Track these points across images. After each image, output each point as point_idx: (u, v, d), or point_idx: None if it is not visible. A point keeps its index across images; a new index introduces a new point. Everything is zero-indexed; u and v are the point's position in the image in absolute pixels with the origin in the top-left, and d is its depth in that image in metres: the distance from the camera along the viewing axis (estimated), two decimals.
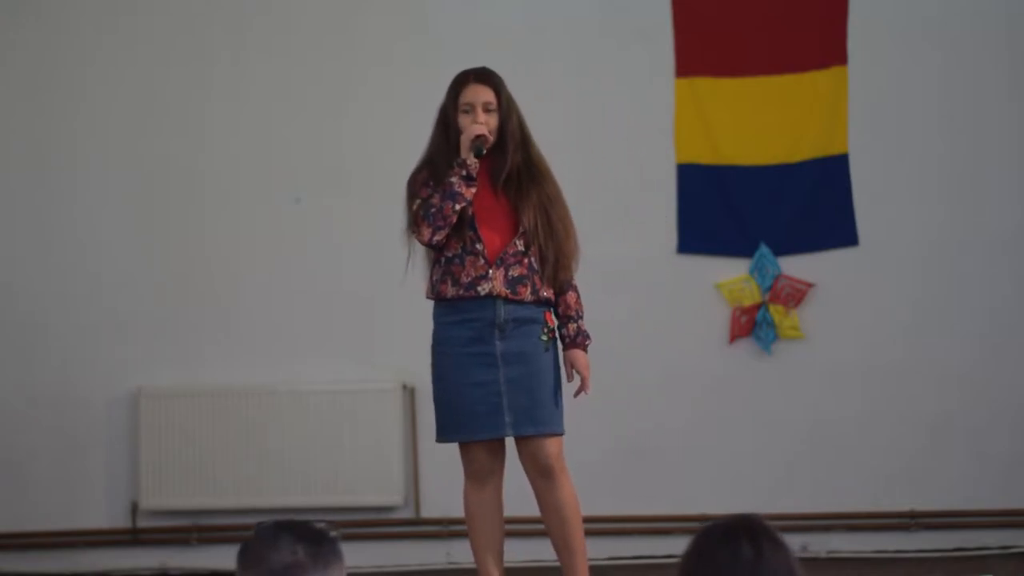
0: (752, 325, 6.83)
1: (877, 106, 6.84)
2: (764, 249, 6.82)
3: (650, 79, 6.87)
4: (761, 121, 6.86)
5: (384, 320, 6.90)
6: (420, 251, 5.08)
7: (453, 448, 4.92)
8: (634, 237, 6.84)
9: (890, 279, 6.83)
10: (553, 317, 5.01)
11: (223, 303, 6.97)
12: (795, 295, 6.82)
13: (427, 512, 6.90)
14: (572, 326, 5.02)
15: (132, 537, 6.96)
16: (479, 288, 4.90)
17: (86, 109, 7.03)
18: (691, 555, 2.44)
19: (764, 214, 6.85)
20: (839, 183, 6.82)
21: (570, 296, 5.02)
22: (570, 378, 5.04)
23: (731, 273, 6.87)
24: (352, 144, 6.96)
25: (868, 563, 6.65)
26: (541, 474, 4.94)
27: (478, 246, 4.91)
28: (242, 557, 2.55)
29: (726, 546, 2.41)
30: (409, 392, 6.88)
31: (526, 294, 4.92)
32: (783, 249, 6.83)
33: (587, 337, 5.03)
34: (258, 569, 2.50)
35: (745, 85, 6.87)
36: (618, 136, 6.87)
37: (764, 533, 2.43)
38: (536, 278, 4.94)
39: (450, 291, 4.93)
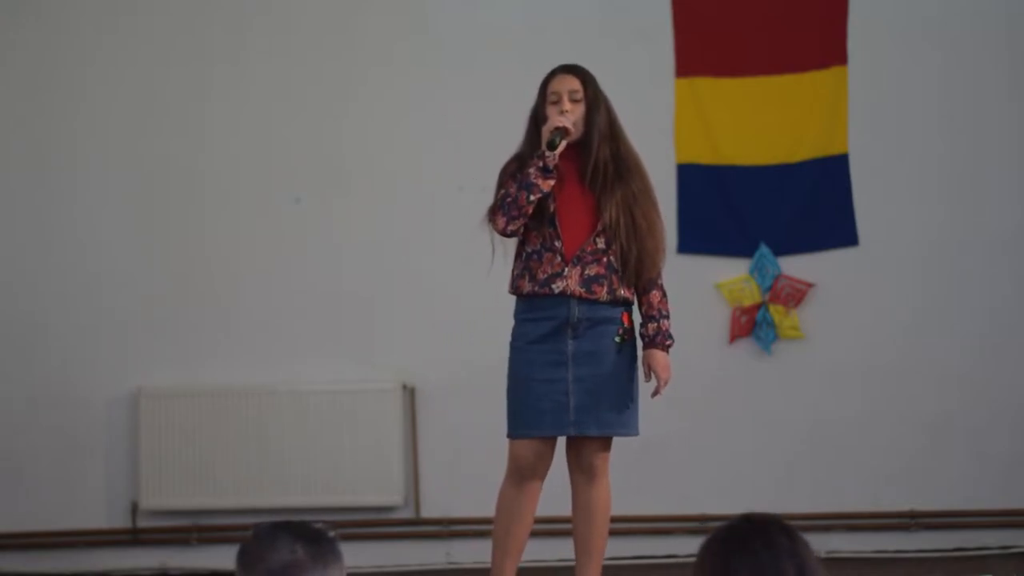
0: (752, 325, 6.83)
1: (877, 106, 6.84)
2: (764, 249, 6.83)
3: (650, 79, 6.87)
4: (761, 121, 6.87)
5: (384, 320, 6.91)
6: (508, 246, 4.96)
7: (453, 448, 4.92)
8: None
9: (890, 279, 6.84)
10: (631, 318, 4.93)
11: (223, 303, 6.98)
12: (795, 295, 6.82)
13: (427, 512, 6.90)
14: (652, 325, 4.94)
15: (132, 537, 6.96)
16: (553, 286, 4.83)
17: (86, 109, 7.03)
18: (719, 559, 2.39)
19: (764, 214, 6.85)
20: (839, 183, 6.82)
21: (654, 295, 4.94)
22: (647, 378, 4.97)
23: (731, 273, 6.87)
24: (352, 144, 6.96)
25: (868, 563, 6.65)
26: (583, 470, 4.92)
27: (556, 243, 4.84)
28: (241, 558, 2.55)
29: (762, 537, 2.38)
30: (409, 392, 6.88)
31: (602, 293, 4.84)
32: (783, 249, 6.83)
33: (668, 337, 4.95)
34: (258, 569, 2.50)
35: (745, 85, 6.87)
36: None
37: (788, 527, 2.42)
38: (614, 277, 4.86)
39: (527, 287, 4.87)
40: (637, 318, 4.99)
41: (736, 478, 6.77)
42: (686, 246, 6.87)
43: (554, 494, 5.08)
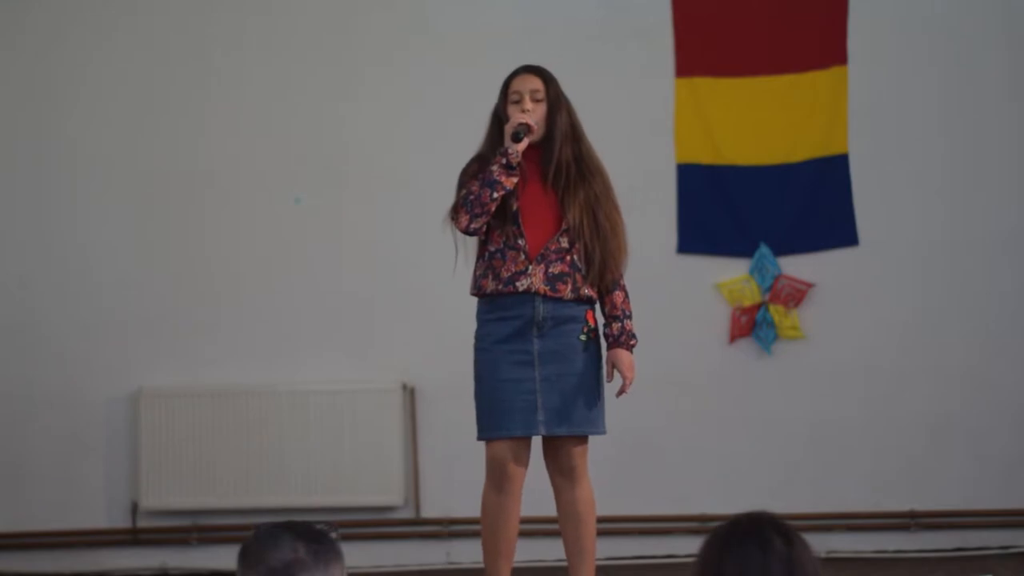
0: (752, 325, 6.83)
1: (877, 106, 6.85)
2: (764, 249, 6.83)
3: (650, 79, 6.87)
4: (761, 121, 6.87)
5: (384, 320, 6.91)
6: (472, 246, 4.99)
7: (453, 448, 4.92)
8: (634, 237, 6.80)
9: (890, 279, 6.84)
10: (594, 317, 4.95)
11: (223, 303, 6.98)
12: (795, 295, 6.82)
13: (427, 512, 6.90)
14: (616, 325, 4.96)
15: (132, 537, 6.96)
16: (518, 284, 4.85)
17: (86, 109, 7.04)
18: (715, 553, 2.39)
19: (764, 214, 6.85)
20: (839, 183, 6.83)
21: (617, 295, 4.96)
22: (610, 377, 4.98)
23: (731, 273, 6.87)
24: (352, 144, 6.97)
25: (868, 563, 6.65)
26: (563, 473, 4.92)
27: (520, 241, 4.86)
28: (243, 557, 2.55)
29: (756, 541, 2.38)
30: (409, 392, 6.89)
31: (566, 292, 4.86)
32: (783, 249, 6.83)
33: (632, 337, 4.97)
34: (259, 568, 2.50)
35: (745, 85, 6.87)
36: (618, 136, 6.86)
37: (788, 528, 2.41)
38: (578, 276, 4.88)
39: (490, 286, 4.88)
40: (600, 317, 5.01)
41: (736, 478, 6.77)
42: (686, 246, 6.87)
43: (552, 494, 5.07)
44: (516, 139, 4.87)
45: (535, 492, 5.06)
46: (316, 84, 7.00)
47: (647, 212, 6.84)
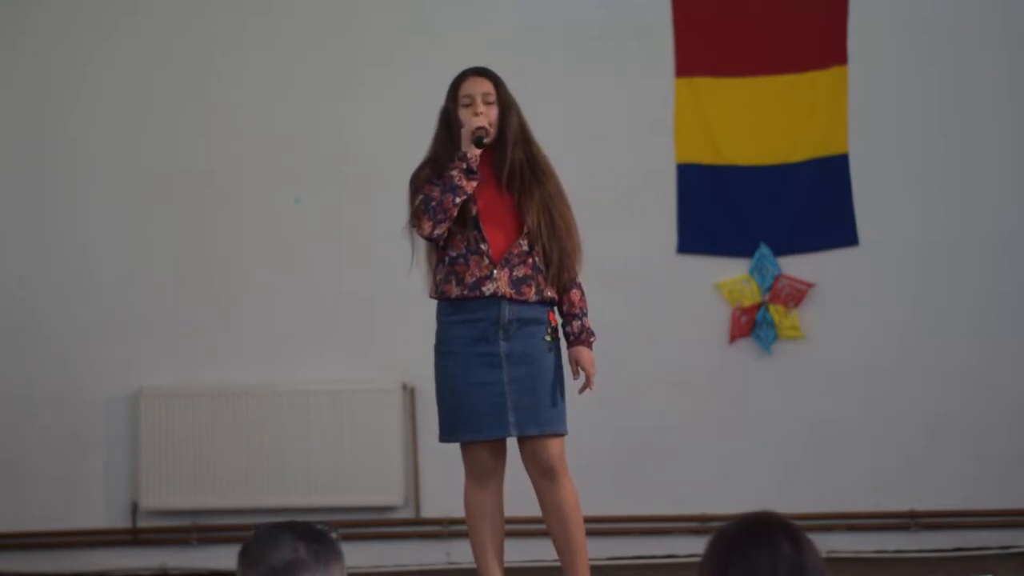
0: (752, 325, 6.83)
1: (877, 106, 6.85)
2: (764, 249, 6.83)
3: (650, 79, 6.87)
4: (761, 121, 6.87)
5: (384, 320, 6.91)
6: (422, 250, 5.05)
7: (453, 448, 4.91)
8: (634, 237, 6.85)
9: (890, 279, 6.84)
10: (556, 316, 5.00)
11: (223, 303, 6.98)
12: (795, 295, 6.82)
13: (427, 512, 6.90)
14: (576, 323, 5.00)
15: (132, 537, 6.96)
16: (484, 288, 4.88)
17: (86, 109, 7.04)
18: (721, 552, 2.37)
19: (764, 214, 6.85)
20: (839, 183, 6.83)
21: (574, 294, 5.01)
22: (575, 375, 5.01)
23: (731, 273, 6.87)
24: (352, 144, 6.97)
25: (868, 563, 6.65)
26: (543, 474, 4.93)
27: (483, 246, 4.89)
28: (243, 557, 2.55)
29: (765, 543, 2.37)
30: (409, 392, 6.89)
31: (530, 294, 4.90)
32: (783, 249, 6.83)
33: (592, 334, 5.01)
34: (260, 568, 2.50)
35: (745, 85, 6.87)
36: (618, 136, 6.88)
37: (796, 530, 2.40)
38: (540, 278, 4.92)
39: (455, 291, 4.91)
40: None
41: (736, 478, 6.77)
42: (686, 246, 6.87)
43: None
44: (478, 144, 4.90)
45: (529, 492, 5.06)
46: (316, 84, 7.00)
47: (647, 212, 6.85)
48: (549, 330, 4.95)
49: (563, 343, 5.04)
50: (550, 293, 4.95)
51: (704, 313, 6.85)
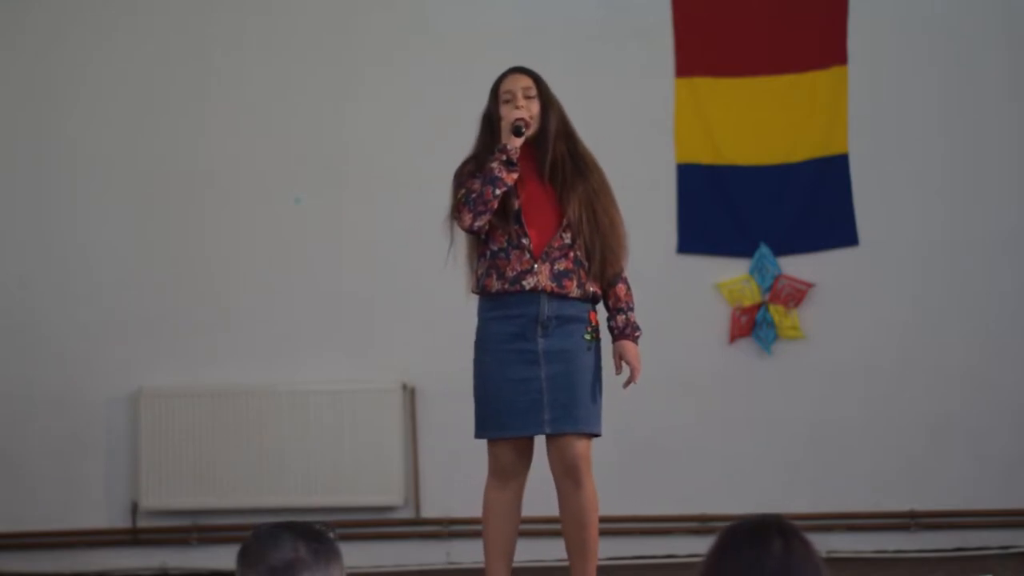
0: (752, 325, 6.83)
1: (877, 106, 6.85)
2: (764, 249, 6.83)
3: (650, 79, 6.87)
4: (761, 121, 6.87)
5: (384, 320, 6.91)
6: (463, 246, 5.00)
7: (453, 448, 4.92)
8: (634, 237, 6.79)
9: (890, 279, 6.84)
10: (597, 316, 4.96)
11: (223, 303, 6.98)
12: (795, 295, 6.82)
13: (427, 512, 6.90)
14: (621, 318, 4.97)
15: (132, 537, 6.96)
16: (524, 282, 4.84)
17: (86, 109, 7.04)
18: (717, 552, 2.39)
19: (764, 214, 6.85)
20: (839, 183, 6.83)
21: (619, 288, 4.98)
22: (618, 370, 4.98)
23: (731, 273, 6.87)
24: (352, 144, 6.97)
25: (868, 563, 6.65)
26: (567, 473, 4.90)
27: (524, 240, 4.86)
28: (242, 557, 2.54)
29: (755, 542, 2.37)
30: (409, 392, 6.89)
31: (572, 288, 4.87)
32: (783, 249, 6.83)
33: (637, 329, 4.99)
34: (260, 567, 2.50)
35: (745, 85, 6.87)
36: (618, 136, 6.87)
37: (793, 531, 2.40)
38: (582, 272, 4.88)
39: (495, 285, 4.87)
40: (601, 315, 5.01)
41: (736, 478, 6.77)
42: (686, 246, 6.87)
43: (553, 494, 5.07)
44: (517, 133, 4.88)
45: (535, 492, 5.05)
46: (316, 84, 7.00)
47: (647, 212, 6.84)
48: (589, 329, 4.91)
49: (603, 340, 4.99)
50: (592, 288, 4.91)
51: (704, 313, 6.85)
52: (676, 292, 6.84)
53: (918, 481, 6.78)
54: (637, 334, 5.00)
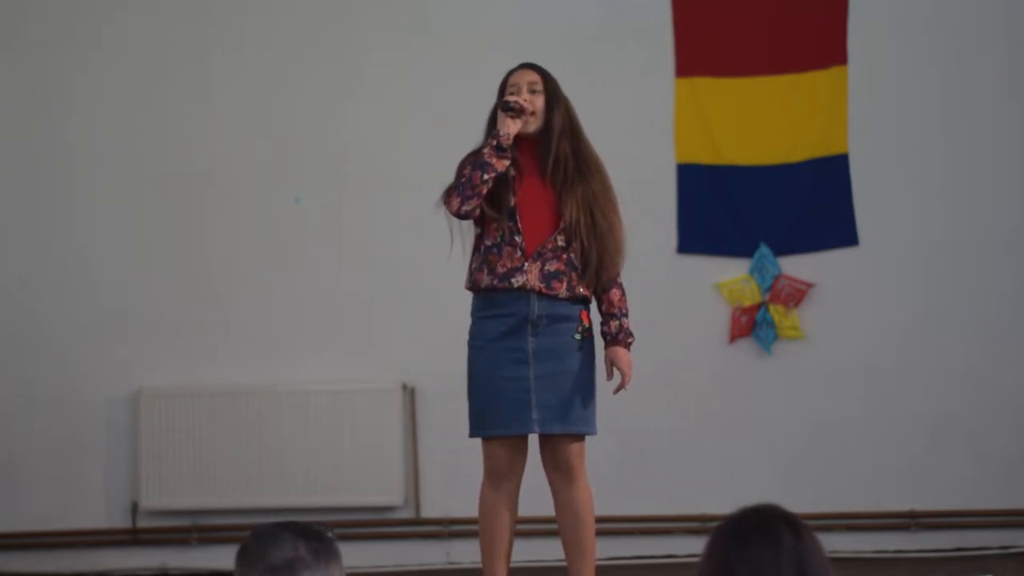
0: (752, 325, 6.83)
1: (877, 106, 6.85)
2: (764, 249, 6.83)
3: (650, 79, 6.87)
4: (761, 121, 6.87)
5: (384, 320, 6.91)
6: (469, 242, 4.97)
7: (453, 448, 4.93)
8: (634, 237, 6.80)
9: (890, 279, 6.84)
10: (588, 316, 4.94)
11: (223, 303, 6.98)
12: (795, 295, 6.82)
13: (427, 512, 6.90)
14: (614, 323, 4.96)
15: (132, 537, 6.96)
16: (513, 280, 4.83)
17: (86, 109, 7.04)
18: (723, 545, 2.35)
19: (764, 214, 6.85)
20: (839, 183, 6.83)
21: (614, 293, 4.96)
22: (609, 376, 4.98)
23: (731, 273, 6.87)
24: (352, 144, 6.97)
25: (868, 563, 6.65)
26: (560, 473, 4.90)
27: (517, 238, 4.84)
28: (242, 556, 2.55)
29: (765, 533, 2.35)
30: (409, 392, 6.89)
31: (561, 290, 4.85)
32: (783, 249, 6.83)
33: (630, 335, 4.97)
34: (259, 567, 2.50)
35: (745, 85, 6.87)
36: (618, 136, 6.86)
37: (797, 520, 2.39)
38: (574, 275, 4.86)
39: (485, 280, 4.87)
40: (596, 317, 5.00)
41: (736, 478, 6.77)
42: (686, 246, 6.87)
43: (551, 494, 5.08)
44: (505, 109, 4.84)
45: (535, 492, 5.06)
46: (316, 84, 7.00)
47: (647, 212, 6.84)
48: (580, 329, 4.89)
49: (596, 341, 4.99)
50: (583, 291, 4.88)
51: (704, 313, 6.85)
52: (676, 292, 6.84)
53: (918, 481, 6.78)
54: (630, 340, 4.98)
